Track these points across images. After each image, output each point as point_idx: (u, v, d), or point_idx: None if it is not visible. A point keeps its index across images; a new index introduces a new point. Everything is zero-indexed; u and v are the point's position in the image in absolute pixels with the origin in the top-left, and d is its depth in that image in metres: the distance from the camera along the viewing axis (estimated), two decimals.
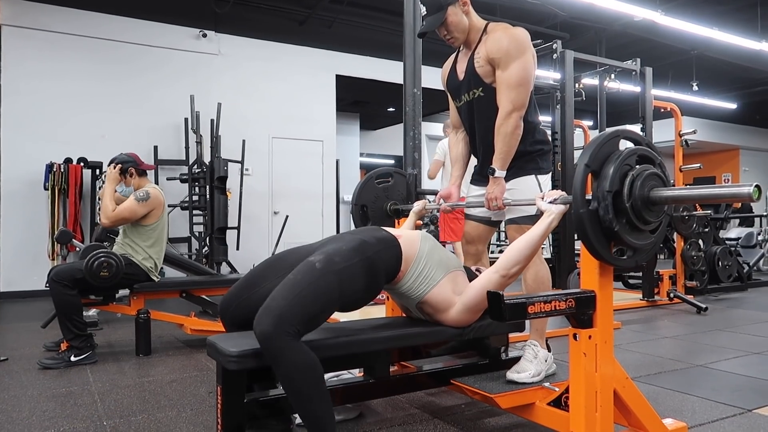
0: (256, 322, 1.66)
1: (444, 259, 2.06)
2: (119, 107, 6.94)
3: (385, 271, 1.92)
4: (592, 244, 1.64)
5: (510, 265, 1.95)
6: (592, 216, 1.61)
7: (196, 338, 3.89)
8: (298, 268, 1.79)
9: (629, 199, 1.61)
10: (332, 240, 1.97)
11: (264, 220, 7.84)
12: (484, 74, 2.29)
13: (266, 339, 1.63)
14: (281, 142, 8.00)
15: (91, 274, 3.23)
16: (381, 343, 1.96)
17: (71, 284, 3.27)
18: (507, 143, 2.23)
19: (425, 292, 1.99)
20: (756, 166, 17.16)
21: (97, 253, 3.29)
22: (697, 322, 4.73)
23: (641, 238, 1.70)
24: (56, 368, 3.21)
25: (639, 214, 1.63)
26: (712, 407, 2.53)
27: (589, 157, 1.61)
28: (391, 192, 3.00)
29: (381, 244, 1.93)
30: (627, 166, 1.63)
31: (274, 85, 7.93)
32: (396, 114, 11.81)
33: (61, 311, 3.29)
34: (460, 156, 2.62)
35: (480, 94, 2.33)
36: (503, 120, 2.22)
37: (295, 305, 1.68)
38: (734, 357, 3.48)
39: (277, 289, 1.74)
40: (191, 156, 6.89)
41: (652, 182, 1.64)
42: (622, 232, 1.63)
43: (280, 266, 1.99)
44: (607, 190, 1.59)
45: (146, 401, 2.61)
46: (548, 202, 1.94)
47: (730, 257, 6.64)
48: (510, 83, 2.21)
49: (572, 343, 1.82)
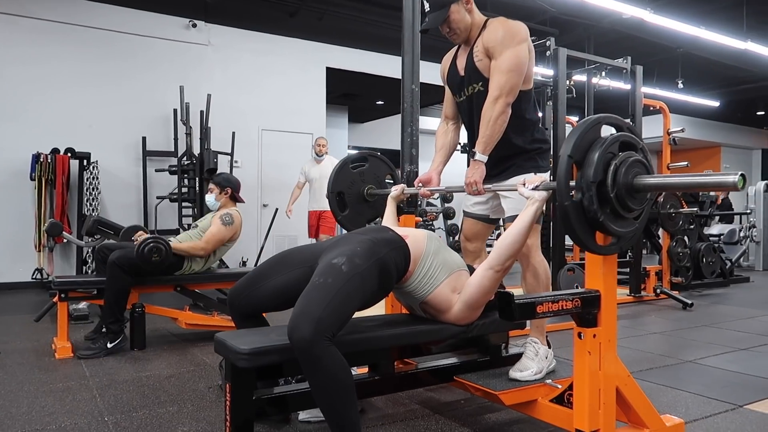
0: (293, 327, 1.62)
1: (448, 259, 2.08)
2: (107, 97, 6.85)
3: (396, 270, 1.94)
4: (577, 235, 1.64)
5: (503, 259, 1.96)
6: (577, 207, 1.59)
7: (189, 332, 3.88)
8: (322, 271, 1.79)
9: (613, 189, 1.59)
10: (342, 241, 1.97)
11: (253, 213, 7.81)
12: (483, 68, 2.30)
13: (306, 346, 1.58)
14: (271, 135, 7.96)
15: (143, 259, 3.35)
16: (388, 341, 1.98)
17: (130, 270, 3.38)
18: (491, 128, 2.20)
19: (429, 292, 2.01)
20: (737, 164, 17.46)
21: (148, 239, 3.42)
22: (684, 318, 4.83)
23: (625, 226, 1.70)
24: (96, 357, 3.27)
25: (623, 202, 1.62)
26: (705, 403, 2.59)
27: (572, 148, 1.59)
28: (367, 176, 2.96)
29: (390, 244, 1.95)
30: (610, 154, 1.61)
31: (264, 76, 7.88)
32: (384, 107, 11.81)
33: (114, 294, 3.37)
34: (447, 145, 2.64)
35: (480, 89, 2.34)
36: (489, 105, 2.20)
37: (331, 309, 1.67)
38: (722, 353, 3.56)
39: (307, 293, 1.72)
40: (180, 147, 6.83)
41: (636, 169, 1.63)
42: (606, 222, 1.62)
43: (286, 263, 2.03)
44: (591, 181, 1.57)
45: (146, 396, 2.60)
46: (530, 188, 1.94)
47: (714, 254, 6.78)
48: (500, 68, 2.20)
49: (577, 341, 1.85)
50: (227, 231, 3.75)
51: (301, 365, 1.63)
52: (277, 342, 1.76)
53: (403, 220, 2.77)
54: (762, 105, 14.67)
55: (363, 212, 2.97)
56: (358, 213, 2.95)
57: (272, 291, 1.99)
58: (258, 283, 2.01)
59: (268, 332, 1.90)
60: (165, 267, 3.51)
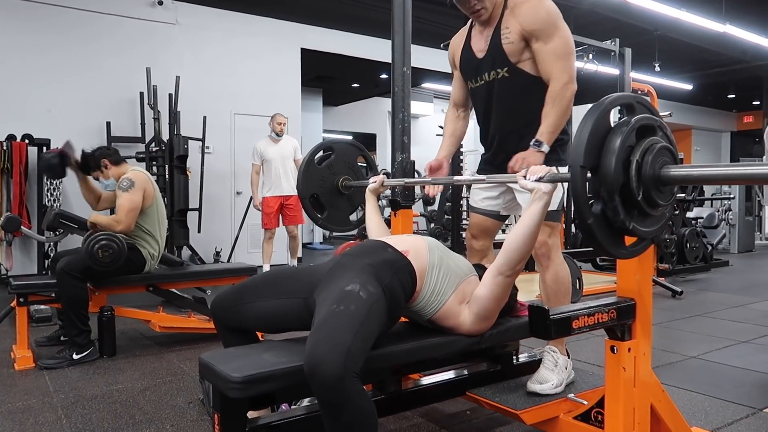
0: (318, 361, 1.35)
1: (453, 267, 1.85)
2: (67, 79, 6.39)
3: (404, 294, 1.72)
4: (605, 249, 1.37)
5: (513, 264, 1.73)
6: (601, 221, 1.32)
7: (164, 335, 3.59)
8: (338, 298, 1.54)
9: (639, 190, 1.32)
10: (339, 270, 1.72)
11: (226, 201, 7.48)
12: (511, 52, 2.08)
13: (335, 383, 1.33)
14: (244, 119, 7.59)
15: (92, 258, 2.97)
16: (396, 358, 1.75)
17: (83, 275, 3.04)
18: (562, 116, 2.03)
19: (437, 308, 1.79)
20: (707, 146, 17.72)
21: (98, 236, 3.02)
22: (675, 307, 4.73)
23: (654, 223, 1.44)
24: (59, 368, 2.97)
25: (651, 200, 1.35)
26: (723, 407, 2.45)
27: (584, 155, 1.29)
28: (336, 167, 2.65)
29: (393, 266, 1.72)
30: (628, 149, 1.32)
31: (236, 58, 7.49)
32: (360, 90, 11.50)
33: (70, 306, 3.03)
34: (457, 133, 2.47)
35: (504, 75, 2.13)
36: (561, 90, 2.02)
37: (360, 338, 1.44)
38: (724, 347, 3.45)
39: (326, 322, 1.47)
40: (148, 133, 6.44)
41: (662, 158, 1.35)
42: (636, 227, 1.37)
43: (277, 287, 1.80)
44: (613, 189, 1.30)
45: (119, 416, 2.33)
46: (533, 180, 1.67)
47: (697, 239, 6.73)
48: (559, 53, 2.03)
49: (609, 356, 1.66)
50: (133, 195, 3.24)
51: (321, 407, 1.39)
52: (275, 366, 1.52)
53: (401, 217, 2.53)
54: (733, 88, 14.79)
55: (342, 207, 2.71)
56: (337, 210, 2.68)
57: (259, 312, 1.77)
58: (245, 299, 1.78)
59: (260, 352, 1.65)
60: (121, 266, 3.12)
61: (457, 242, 5.44)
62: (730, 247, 9.42)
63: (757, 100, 15.37)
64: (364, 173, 2.78)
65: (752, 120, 17.43)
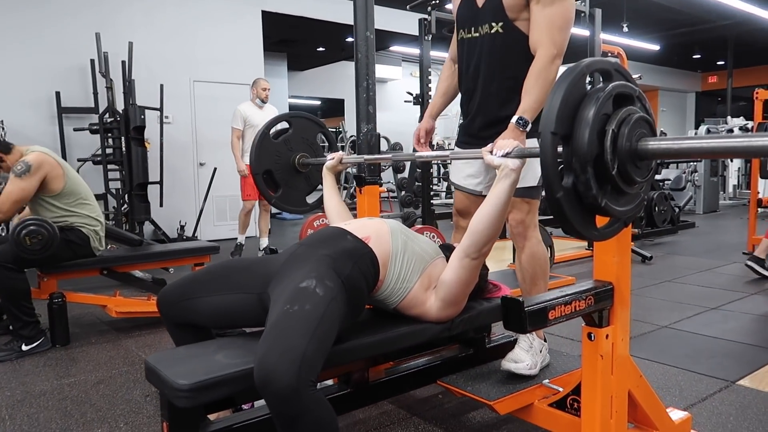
0: (267, 372, 1.23)
1: (418, 250, 1.73)
2: (10, 46, 5.97)
3: (366, 285, 1.60)
4: (574, 227, 1.24)
5: (479, 245, 1.62)
6: (571, 195, 1.20)
7: (122, 320, 3.41)
8: (292, 297, 1.40)
9: (614, 163, 1.20)
10: (294, 260, 1.59)
11: (189, 173, 7.20)
12: (510, 6, 1.92)
13: (289, 395, 1.21)
14: (204, 86, 7.26)
15: (19, 245, 2.74)
16: (362, 352, 1.64)
17: (17, 265, 2.81)
18: (546, 93, 1.85)
19: (403, 296, 1.68)
20: (673, 106, 17.86)
21: (26, 221, 2.79)
22: (645, 272, 4.73)
23: (629, 202, 1.33)
24: (8, 361, 2.80)
25: (627, 176, 1.23)
26: (696, 381, 2.42)
27: (556, 121, 1.16)
28: (294, 143, 2.50)
29: (353, 255, 1.59)
30: (604, 117, 1.20)
31: (193, 21, 7.10)
32: (326, 54, 11.15)
33: (8, 297, 2.83)
34: (450, 90, 2.32)
35: (498, 30, 1.96)
36: (547, 63, 1.85)
37: (317, 342, 1.31)
38: (694, 314, 3.44)
39: (278, 323, 1.34)
40: (102, 104, 6.10)
41: (639, 130, 1.23)
42: (609, 204, 1.24)
43: (228, 281, 1.65)
44: (586, 160, 1.18)
45: (68, 414, 2.18)
46: (500, 155, 1.54)
47: (666, 202, 6.76)
48: (554, 22, 1.86)
49: (586, 344, 1.57)
50: (27, 182, 2.88)
51: (275, 419, 1.26)
52: (227, 370, 1.39)
53: (367, 194, 2.39)
54: (699, 48, 14.83)
55: (298, 186, 2.54)
56: (292, 189, 2.52)
57: (209, 308, 1.63)
58: (192, 295, 1.64)
59: (213, 352, 1.52)
60: (62, 250, 2.92)
61: (428, 210, 5.33)
62: (696, 207, 9.55)
63: (722, 60, 15.47)
64: (323, 152, 2.61)
65: (716, 80, 17.60)
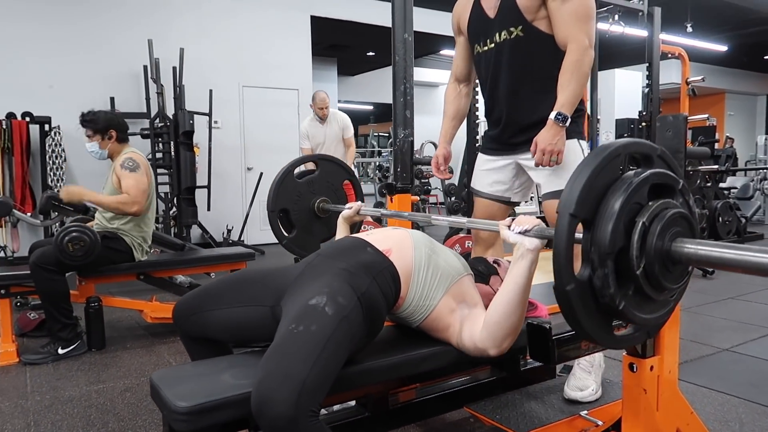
0: (264, 398, 1.14)
1: (444, 265, 1.57)
2: (68, 53, 6.19)
3: (386, 301, 1.47)
4: (584, 329, 1.07)
5: (499, 339, 1.40)
6: (584, 289, 1.03)
7: (159, 325, 3.42)
8: (299, 315, 1.30)
9: (641, 261, 1.03)
10: (311, 272, 1.48)
11: (237, 177, 7.28)
12: (526, 8, 1.83)
13: (286, 425, 1.12)
14: (252, 91, 7.34)
15: (61, 251, 2.77)
16: (381, 375, 1.52)
17: (57, 268, 2.83)
18: (582, 86, 1.82)
19: (425, 316, 1.53)
20: (741, 110, 16.91)
21: (69, 227, 2.82)
22: (706, 288, 4.42)
23: (655, 310, 1.14)
24: (43, 364, 2.83)
25: (654, 279, 1.06)
26: (760, 414, 2.18)
27: (576, 201, 1.00)
28: (317, 185, 2.42)
29: (372, 269, 1.45)
30: (636, 206, 1.04)
31: (242, 27, 7.19)
32: (377, 58, 11.11)
33: (48, 299, 2.87)
34: (460, 113, 2.23)
35: (518, 34, 1.86)
36: (581, 55, 1.78)
37: (319, 368, 1.19)
38: (759, 336, 3.16)
39: (280, 346, 1.24)
40: (153, 109, 6.24)
41: (675, 228, 1.06)
42: (629, 309, 1.07)
43: (242, 293, 1.56)
44: (607, 252, 1.01)
45: (91, 423, 2.16)
46: (517, 232, 1.37)
47: (731, 212, 6.34)
48: (579, 14, 1.80)
49: (627, 375, 1.41)
50: (142, 176, 3.03)
51: None
52: (230, 392, 1.29)
53: (398, 202, 2.28)
54: None
55: (314, 232, 2.43)
56: (307, 233, 2.41)
57: (220, 322, 1.54)
58: (206, 307, 1.56)
59: (221, 370, 1.43)
60: (103, 256, 2.93)
61: None
62: (765, 218, 8.96)
63: None
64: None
65: None
